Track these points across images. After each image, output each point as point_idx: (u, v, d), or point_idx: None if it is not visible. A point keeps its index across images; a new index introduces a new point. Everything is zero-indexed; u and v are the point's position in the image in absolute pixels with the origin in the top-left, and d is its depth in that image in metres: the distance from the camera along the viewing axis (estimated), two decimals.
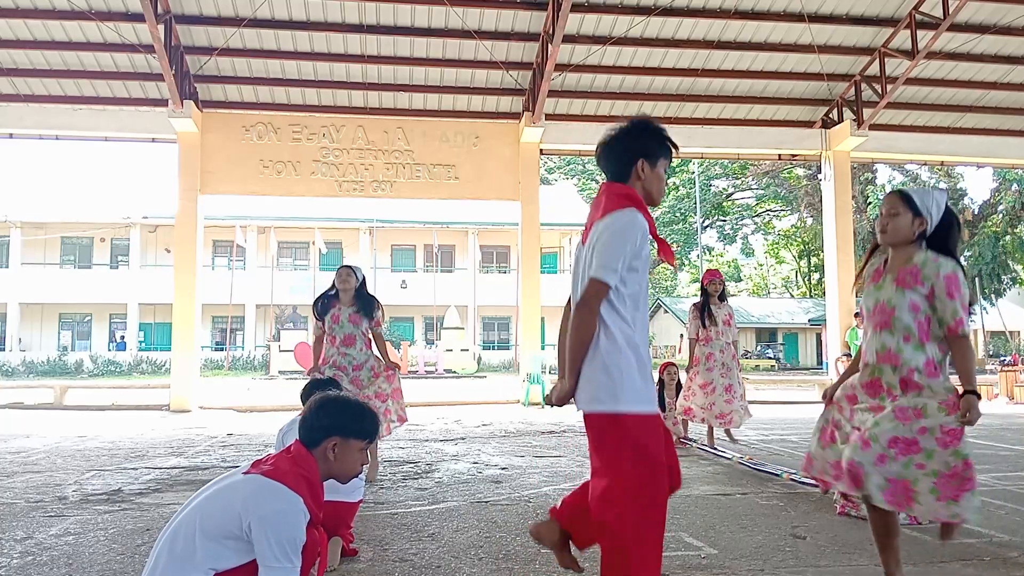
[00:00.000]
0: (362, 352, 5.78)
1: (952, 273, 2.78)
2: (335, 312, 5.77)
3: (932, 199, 2.92)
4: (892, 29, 12.39)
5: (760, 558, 3.61)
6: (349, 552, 3.60)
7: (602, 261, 2.36)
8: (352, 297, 5.81)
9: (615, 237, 2.36)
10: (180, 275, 12.52)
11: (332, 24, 11.70)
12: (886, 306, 2.88)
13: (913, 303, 2.82)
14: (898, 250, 2.94)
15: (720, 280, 7.35)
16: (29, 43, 11.68)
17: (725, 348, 7.17)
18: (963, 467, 2.71)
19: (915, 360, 2.82)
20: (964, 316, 2.77)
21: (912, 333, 2.83)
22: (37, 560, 3.58)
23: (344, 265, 5.96)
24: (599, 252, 2.37)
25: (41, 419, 10.78)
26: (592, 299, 2.37)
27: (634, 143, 2.54)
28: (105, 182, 32.93)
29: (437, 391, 16.93)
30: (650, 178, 2.52)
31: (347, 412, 2.43)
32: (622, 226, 2.37)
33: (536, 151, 13.29)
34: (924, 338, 2.82)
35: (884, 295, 2.91)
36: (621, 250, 2.35)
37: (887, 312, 2.88)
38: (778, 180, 39.79)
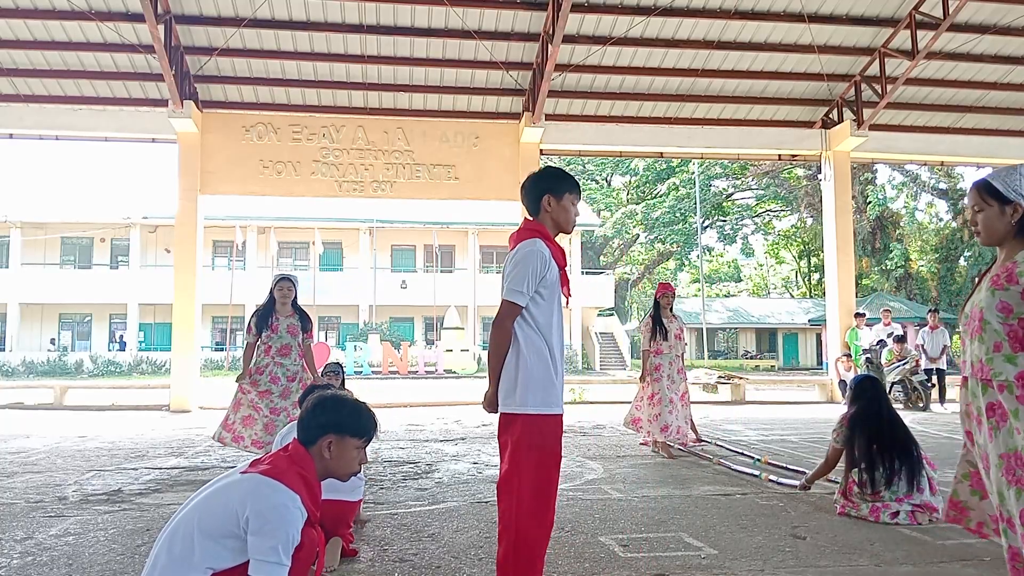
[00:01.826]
0: (295, 363, 5.98)
1: None
2: (273, 322, 5.93)
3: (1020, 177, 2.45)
4: (892, 29, 12.39)
5: (760, 558, 3.61)
6: (349, 552, 3.60)
7: (509, 284, 2.81)
8: (290, 308, 6.01)
9: (518, 264, 2.82)
10: (180, 275, 12.52)
11: (332, 24, 11.70)
12: (977, 310, 2.48)
13: (1004, 304, 2.37)
14: (1003, 249, 2.50)
15: (672, 293, 7.34)
16: (29, 43, 11.68)
17: (674, 361, 7.17)
18: None
19: (1008, 373, 2.35)
20: None
21: (1002, 341, 2.37)
22: (37, 560, 3.58)
23: (284, 276, 6.16)
24: (507, 277, 2.83)
25: (41, 419, 10.77)
26: (505, 318, 2.82)
27: (542, 183, 3.00)
28: (105, 182, 32.94)
29: (437, 391, 16.93)
30: (556, 210, 2.97)
31: (343, 410, 2.44)
32: (523, 255, 2.82)
33: (536, 151, 13.28)
34: (1017, 347, 2.35)
35: (977, 298, 2.51)
36: (523, 274, 2.79)
37: (978, 317, 2.46)
38: (778, 180, 39.77)
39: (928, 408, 12.02)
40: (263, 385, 5.99)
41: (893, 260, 33.31)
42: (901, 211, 35.75)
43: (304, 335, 6.03)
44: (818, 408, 12.68)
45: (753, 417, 10.96)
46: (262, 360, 5.92)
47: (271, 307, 6.02)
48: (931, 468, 4.53)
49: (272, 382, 5.97)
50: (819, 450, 7.32)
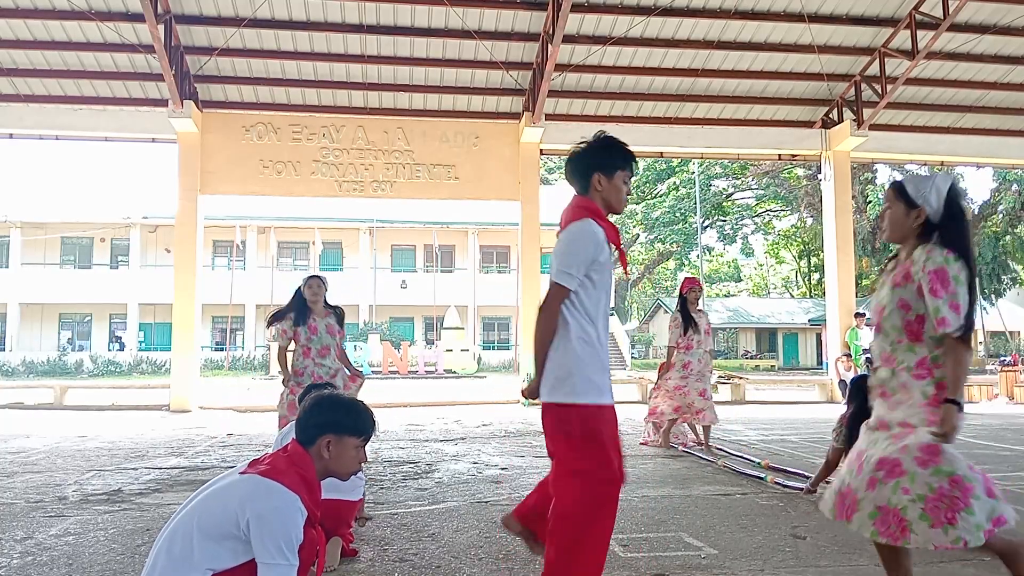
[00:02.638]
0: (335, 362, 5.83)
1: (940, 267, 2.50)
2: (312, 323, 5.74)
3: (931, 185, 2.64)
4: (892, 29, 12.39)
5: (760, 558, 3.61)
6: (349, 552, 3.60)
7: (559, 266, 2.61)
8: (323, 308, 5.82)
9: (570, 244, 2.62)
10: (180, 275, 12.53)
11: (332, 24, 11.71)
12: (879, 306, 2.72)
13: (902, 301, 2.61)
14: (904, 247, 2.71)
15: (699, 287, 7.35)
16: (29, 43, 11.68)
17: (703, 357, 7.20)
18: (950, 486, 2.38)
19: (907, 360, 2.60)
20: (949, 315, 2.46)
21: (902, 334, 2.61)
22: (37, 560, 3.58)
23: (314, 275, 5.93)
24: (557, 258, 2.63)
25: (41, 419, 10.78)
26: (552, 301, 2.62)
27: (591, 158, 2.75)
28: (105, 182, 32.94)
29: (437, 391, 16.93)
30: (608, 189, 2.74)
31: (340, 409, 2.43)
32: (576, 234, 2.62)
33: (536, 151, 13.29)
34: (914, 338, 2.59)
35: (880, 295, 2.74)
36: (576, 256, 2.59)
37: (879, 313, 2.71)
38: (778, 180, 39.78)
39: None
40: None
41: None
42: None
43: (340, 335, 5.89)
44: (818, 408, 12.68)
45: (753, 417, 10.96)
46: (301, 362, 5.74)
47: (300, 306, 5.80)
48: None
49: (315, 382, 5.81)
50: (819, 450, 7.32)
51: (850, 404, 4.78)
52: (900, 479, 2.44)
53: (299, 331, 5.76)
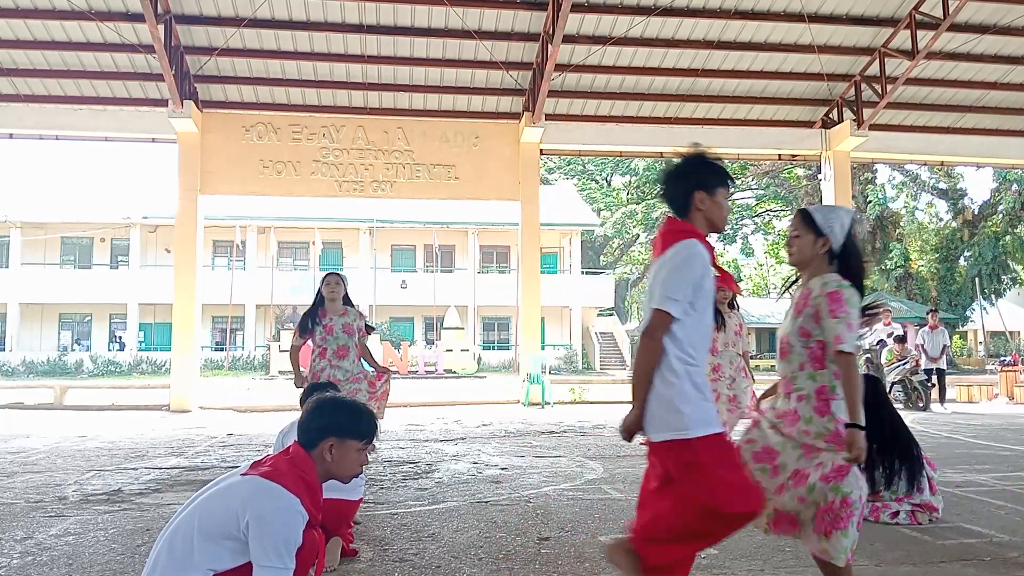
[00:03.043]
0: (355, 364, 5.53)
1: (835, 291, 2.63)
2: (327, 323, 5.46)
3: (836, 217, 2.81)
4: (892, 29, 12.39)
5: (760, 558, 3.61)
6: (349, 552, 3.60)
7: (665, 292, 2.45)
8: (341, 306, 5.54)
9: (677, 268, 2.47)
10: (180, 275, 12.53)
11: (332, 24, 11.70)
12: (783, 334, 2.83)
13: (803, 330, 2.71)
14: (806, 272, 2.85)
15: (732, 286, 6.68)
16: (29, 43, 11.68)
17: (734, 360, 6.64)
18: (840, 505, 2.54)
19: (808, 388, 2.69)
20: (844, 333, 2.57)
21: (805, 361, 2.71)
22: (37, 560, 3.58)
23: (332, 272, 5.70)
24: (662, 284, 2.47)
25: (41, 419, 10.77)
26: (656, 329, 2.45)
27: (691, 177, 2.63)
28: (105, 182, 32.91)
29: (437, 391, 16.93)
30: (711, 207, 2.60)
31: (343, 412, 2.43)
32: (684, 258, 2.47)
33: (536, 151, 13.29)
34: (817, 366, 2.69)
35: (785, 323, 2.85)
36: (682, 281, 2.45)
37: (785, 341, 2.82)
38: (778, 180, 39.78)
39: (928, 408, 12.02)
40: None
41: (893, 260, 33.28)
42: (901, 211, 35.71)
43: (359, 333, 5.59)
44: None
45: None
46: (317, 364, 5.46)
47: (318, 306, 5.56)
48: (931, 468, 4.52)
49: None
50: None
51: None
52: (799, 489, 2.62)
53: (315, 331, 5.51)
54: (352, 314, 5.61)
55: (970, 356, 36.89)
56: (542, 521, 4.36)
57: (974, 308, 33.49)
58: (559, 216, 31.26)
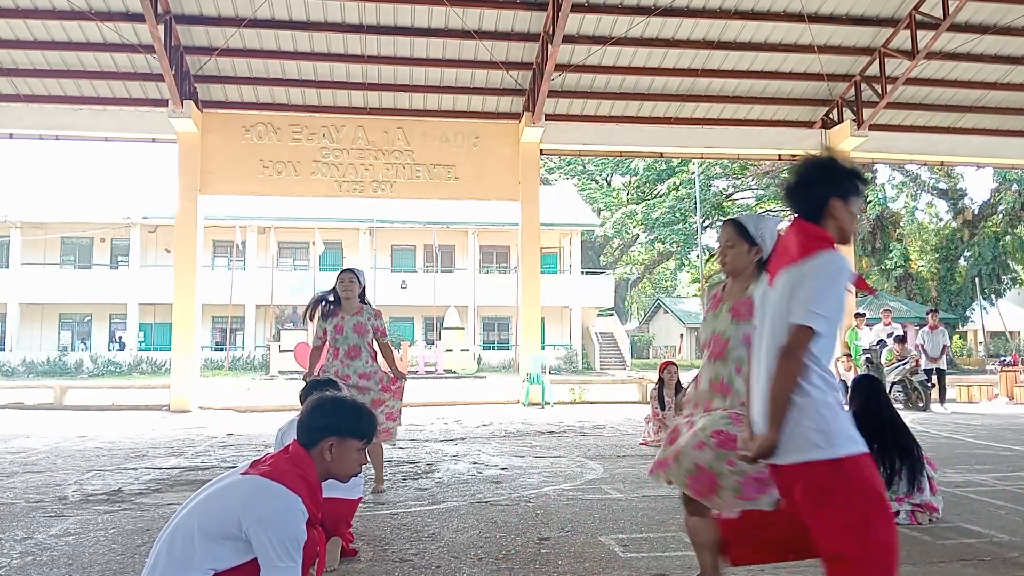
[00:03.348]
0: (368, 364, 5.29)
1: None
2: (338, 322, 5.27)
3: (766, 227, 2.88)
4: (892, 29, 12.39)
5: None
6: (349, 552, 3.60)
7: (811, 307, 2.25)
8: (356, 305, 5.32)
9: (826, 283, 2.27)
10: (180, 275, 12.53)
11: (332, 24, 11.71)
12: (720, 338, 2.87)
13: (747, 336, 2.70)
14: (736, 279, 2.93)
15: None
16: (29, 43, 11.68)
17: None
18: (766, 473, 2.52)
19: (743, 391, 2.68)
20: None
21: (744, 364, 2.72)
22: (37, 560, 3.58)
23: (347, 269, 5.43)
24: (807, 297, 2.26)
25: (41, 419, 10.77)
26: (799, 348, 2.26)
27: (829, 183, 2.43)
28: (105, 182, 32.92)
29: (437, 391, 16.93)
30: (845, 217, 2.41)
31: (343, 412, 2.43)
32: (834, 271, 2.29)
33: (536, 151, 13.29)
34: None
35: (720, 326, 2.90)
36: (831, 296, 2.27)
37: (721, 343, 2.86)
38: (778, 180, 39.77)
39: (928, 408, 12.02)
40: None
41: (893, 260, 33.29)
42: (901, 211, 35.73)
43: (375, 332, 5.33)
44: None
45: None
46: (330, 364, 5.25)
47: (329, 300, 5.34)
48: (931, 468, 4.52)
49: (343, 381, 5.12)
50: None
51: (851, 404, 4.78)
52: (729, 452, 2.63)
53: (327, 329, 5.31)
54: (366, 313, 5.35)
55: (970, 356, 36.87)
56: (542, 521, 4.36)
57: (974, 308, 33.48)
58: (559, 216, 31.26)
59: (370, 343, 5.35)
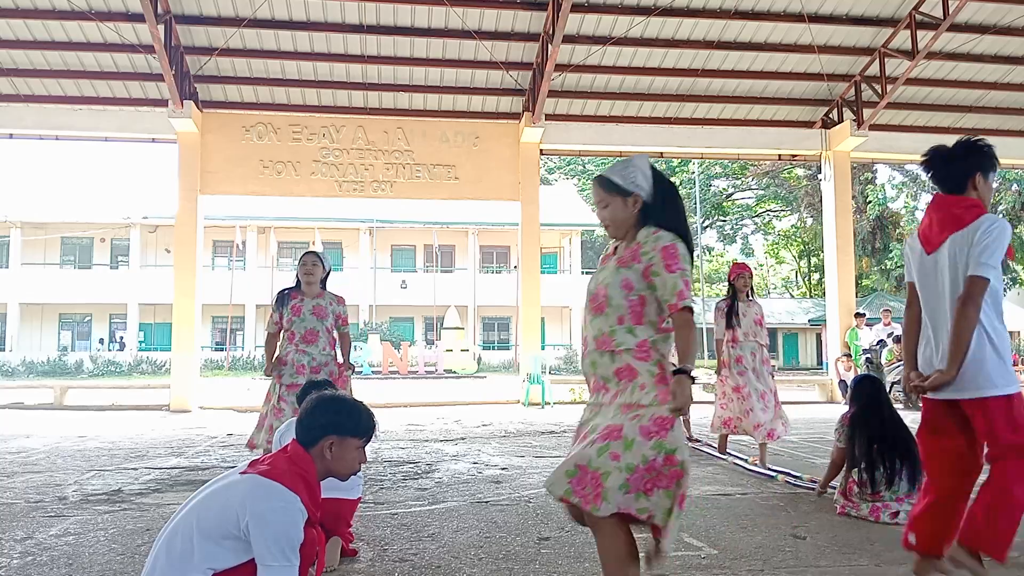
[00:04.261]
0: (324, 352, 5.16)
1: (670, 244, 2.52)
2: (295, 303, 5.13)
3: (636, 169, 2.67)
4: (892, 29, 12.39)
5: (760, 558, 3.61)
6: (349, 552, 3.60)
7: (983, 259, 2.74)
8: (317, 289, 5.20)
9: (997, 240, 2.75)
10: (180, 275, 12.53)
11: (332, 24, 11.70)
12: (602, 288, 2.62)
13: (626, 281, 2.56)
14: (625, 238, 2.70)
15: (749, 274, 6.66)
16: (29, 43, 11.68)
17: (756, 351, 6.39)
18: (664, 462, 2.38)
19: (628, 342, 2.54)
20: (686, 290, 2.48)
21: (625, 315, 2.56)
22: (37, 560, 3.58)
23: (309, 251, 5.33)
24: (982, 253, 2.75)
25: (41, 419, 10.77)
26: (978, 296, 2.75)
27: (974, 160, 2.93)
28: (105, 182, 32.93)
29: (437, 391, 16.93)
30: (983, 190, 2.93)
31: (343, 411, 2.44)
32: (1001, 230, 2.77)
33: (536, 151, 13.29)
34: (636, 320, 2.55)
35: (601, 276, 2.66)
36: (1000, 250, 2.75)
37: (603, 295, 2.61)
38: (778, 180, 39.78)
39: None
40: (288, 378, 5.12)
41: (893, 260, 33.30)
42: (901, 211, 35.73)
43: (336, 319, 5.23)
44: (818, 408, 12.67)
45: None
46: (284, 348, 5.14)
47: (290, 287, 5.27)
48: None
49: (297, 373, 5.09)
50: (819, 450, 7.33)
51: (851, 404, 4.78)
52: (612, 443, 2.40)
53: (283, 312, 5.15)
54: (328, 297, 5.25)
55: None
56: (542, 521, 4.36)
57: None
58: (559, 216, 31.27)
59: (329, 328, 5.19)
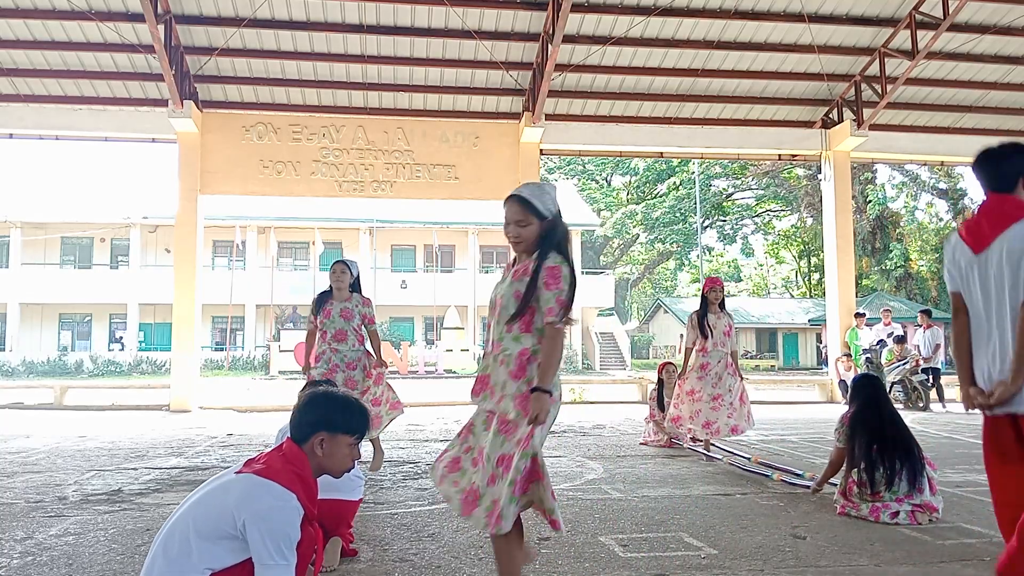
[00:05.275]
0: (353, 349, 5.75)
1: (555, 266, 2.80)
2: (327, 307, 5.77)
3: (550, 198, 2.94)
4: (892, 29, 12.39)
5: (760, 558, 3.61)
6: (349, 552, 3.60)
7: None
8: (346, 293, 5.82)
9: None
10: (180, 275, 12.52)
11: (332, 24, 11.70)
12: (498, 298, 2.93)
13: (517, 292, 2.84)
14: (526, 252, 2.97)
15: (721, 288, 7.08)
16: (29, 43, 11.68)
17: (722, 359, 6.89)
18: (531, 464, 2.71)
19: (512, 349, 2.83)
20: (557, 308, 2.77)
21: (514, 322, 2.84)
22: (37, 560, 3.58)
23: (339, 260, 5.92)
24: None
25: (41, 419, 10.77)
26: None
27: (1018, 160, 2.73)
28: (105, 182, 32.92)
29: (437, 391, 16.92)
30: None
31: (333, 406, 2.43)
32: None
33: (536, 151, 13.28)
34: (523, 328, 2.84)
35: (500, 288, 2.95)
36: None
37: (499, 303, 2.91)
38: (778, 180, 39.81)
39: (928, 408, 12.02)
40: (317, 373, 5.68)
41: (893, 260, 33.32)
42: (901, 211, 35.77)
43: (363, 319, 5.82)
44: (818, 408, 12.68)
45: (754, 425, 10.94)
46: (320, 347, 5.76)
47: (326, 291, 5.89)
48: (931, 468, 4.52)
49: (331, 371, 5.66)
50: (819, 450, 7.33)
51: (851, 404, 4.78)
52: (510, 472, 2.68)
53: (317, 315, 5.80)
54: (355, 300, 5.84)
55: None
56: (542, 521, 4.34)
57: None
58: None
59: (357, 328, 5.78)
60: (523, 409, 2.74)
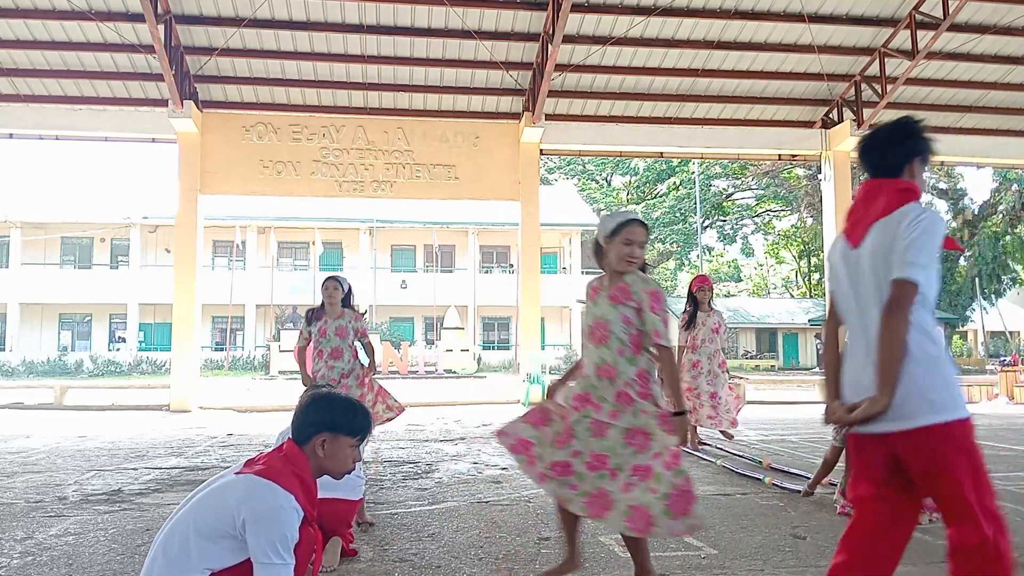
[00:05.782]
0: (349, 363, 5.82)
1: (656, 290, 3.03)
2: (322, 325, 5.76)
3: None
4: (892, 29, 12.39)
5: (760, 558, 3.61)
6: (349, 552, 3.60)
7: (913, 259, 2.13)
8: (338, 309, 5.81)
9: (926, 234, 2.14)
10: (180, 275, 12.52)
11: (332, 24, 11.70)
12: (602, 321, 3.06)
13: (625, 317, 3.02)
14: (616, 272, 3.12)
15: (710, 287, 7.30)
16: (29, 43, 11.68)
17: (714, 355, 7.11)
18: (684, 482, 2.85)
19: (628, 372, 3.01)
20: (662, 329, 2.98)
21: (625, 346, 3.02)
22: (37, 560, 3.58)
23: (330, 277, 5.91)
24: (907, 250, 2.14)
25: (41, 419, 10.77)
26: (906, 304, 2.12)
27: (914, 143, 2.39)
28: (105, 182, 32.92)
29: (437, 391, 16.92)
30: (919, 176, 2.38)
31: (336, 408, 2.43)
32: (932, 222, 2.17)
33: (536, 151, 13.28)
34: (635, 351, 3.02)
35: (600, 311, 3.09)
36: (932, 247, 2.16)
37: (604, 328, 3.05)
38: (778, 180, 39.81)
39: None
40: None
41: None
42: None
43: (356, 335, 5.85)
44: (818, 408, 12.65)
45: (753, 417, 10.95)
46: (316, 365, 5.80)
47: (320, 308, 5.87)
48: None
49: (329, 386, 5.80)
50: (819, 450, 7.32)
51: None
52: (649, 481, 2.86)
53: (311, 331, 5.80)
54: (347, 316, 5.83)
55: (970, 356, 36.89)
56: (542, 521, 4.36)
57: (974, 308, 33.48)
58: (559, 216, 31.23)
59: (351, 344, 5.84)
60: (667, 427, 2.94)
